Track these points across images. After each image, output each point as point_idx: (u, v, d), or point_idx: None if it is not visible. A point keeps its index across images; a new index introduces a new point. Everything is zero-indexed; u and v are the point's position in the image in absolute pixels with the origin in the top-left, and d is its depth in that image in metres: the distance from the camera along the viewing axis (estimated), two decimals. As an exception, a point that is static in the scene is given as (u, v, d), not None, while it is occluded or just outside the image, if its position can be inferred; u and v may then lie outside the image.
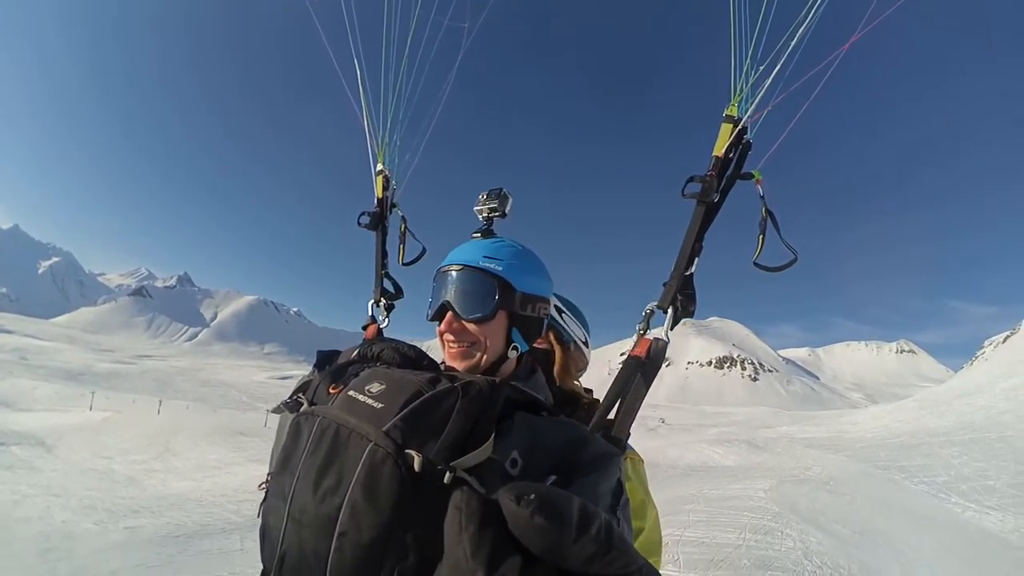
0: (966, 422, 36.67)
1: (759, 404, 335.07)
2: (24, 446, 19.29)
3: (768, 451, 32.07)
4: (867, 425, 48.09)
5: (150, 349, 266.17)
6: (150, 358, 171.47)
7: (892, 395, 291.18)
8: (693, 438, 44.08)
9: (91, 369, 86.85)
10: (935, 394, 57.41)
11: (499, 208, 1.86)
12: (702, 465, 27.45)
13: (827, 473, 21.89)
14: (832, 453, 30.72)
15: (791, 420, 79.09)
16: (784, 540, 11.18)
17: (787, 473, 21.60)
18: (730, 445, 34.88)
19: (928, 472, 22.74)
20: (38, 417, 28.61)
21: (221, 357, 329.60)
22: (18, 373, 61.11)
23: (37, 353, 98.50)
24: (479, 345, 1.58)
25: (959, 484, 20.35)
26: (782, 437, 43.98)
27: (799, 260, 1.72)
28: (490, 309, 1.56)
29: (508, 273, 1.60)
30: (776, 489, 16.92)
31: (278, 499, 1.30)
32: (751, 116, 1.80)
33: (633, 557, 0.89)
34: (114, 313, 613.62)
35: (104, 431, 24.69)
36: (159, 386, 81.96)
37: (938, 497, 18.94)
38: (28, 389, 45.52)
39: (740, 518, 12.89)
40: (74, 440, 22.06)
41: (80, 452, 19.87)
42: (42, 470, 15.70)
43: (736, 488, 17.51)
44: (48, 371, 73.13)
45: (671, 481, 20.80)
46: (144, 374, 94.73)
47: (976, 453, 26.09)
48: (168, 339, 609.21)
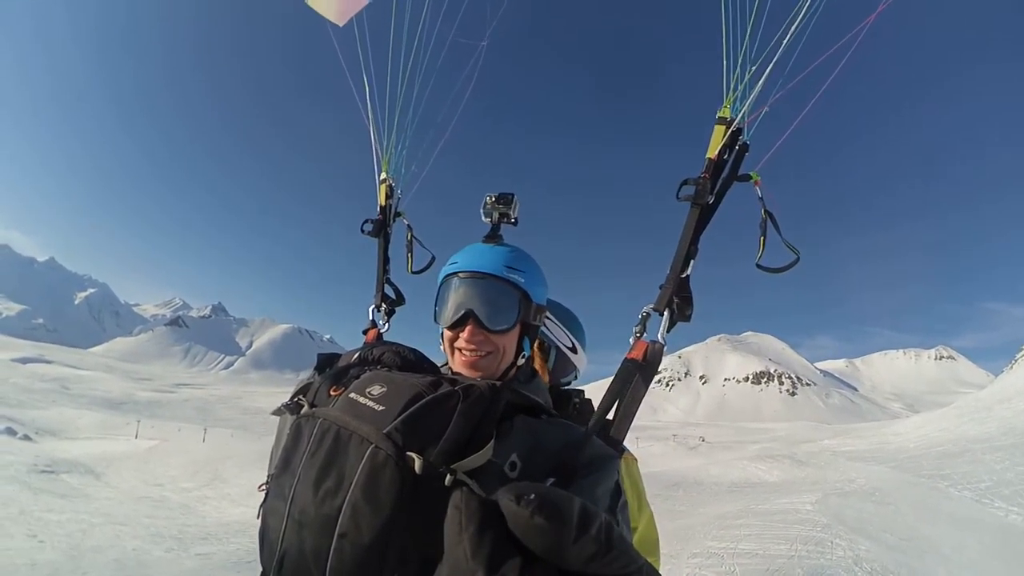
0: (1008, 427, 36.51)
1: (798, 419, 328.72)
2: (74, 474, 19.44)
3: (811, 465, 32.17)
4: (909, 435, 47.72)
5: (187, 378, 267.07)
6: (188, 386, 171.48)
7: (933, 403, 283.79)
8: (735, 455, 44.10)
9: (132, 398, 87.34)
10: (976, 400, 56.72)
11: (510, 213, 1.94)
12: (746, 482, 27.73)
13: (871, 484, 22.19)
14: (875, 464, 30.74)
15: (832, 433, 78.05)
16: (834, 550, 11.90)
17: (832, 486, 21.94)
18: (773, 461, 35.05)
19: (971, 478, 22.86)
20: (84, 445, 29.27)
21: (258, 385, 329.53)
22: (62, 402, 61.54)
23: (77, 382, 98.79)
24: (497, 354, 1.64)
25: (1002, 489, 20.51)
26: (824, 451, 43.84)
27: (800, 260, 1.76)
28: (514, 321, 1.62)
29: (528, 285, 1.67)
30: (822, 502, 17.46)
31: (278, 500, 1.32)
32: (745, 117, 1.85)
33: (633, 557, 0.91)
34: (151, 343, 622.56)
35: (152, 459, 25.38)
36: (200, 414, 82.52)
37: (981, 502, 19.17)
38: (72, 418, 45.95)
39: (790, 530, 13.60)
40: (123, 468, 22.57)
41: (130, 480, 20.40)
42: (95, 498, 15.92)
43: (783, 502, 18.07)
44: (90, 400, 73.64)
45: (717, 498, 21.40)
46: (185, 402, 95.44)
47: (1018, 457, 26.09)
48: (205, 368, 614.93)
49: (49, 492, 15.27)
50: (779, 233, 1.78)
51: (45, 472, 18.30)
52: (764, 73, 1.79)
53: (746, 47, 1.81)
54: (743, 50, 1.81)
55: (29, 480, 16.40)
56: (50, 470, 18.84)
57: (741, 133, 1.82)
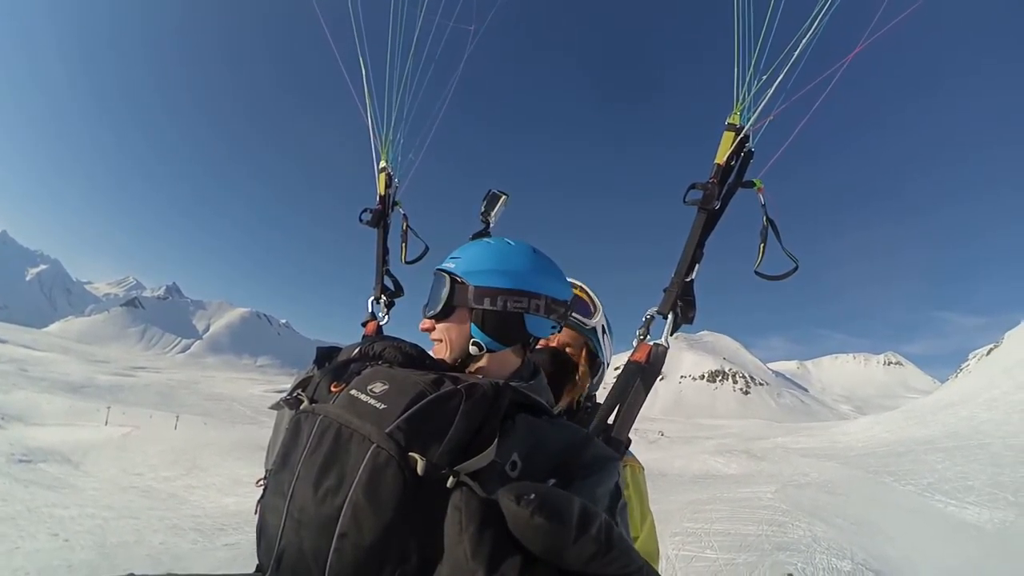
0: (950, 431, 39.22)
1: (751, 417, 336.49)
2: (51, 463, 19.18)
3: (767, 460, 34.35)
4: (857, 435, 50.48)
5: (144, 360, 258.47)
6: (145, 370, 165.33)
7: (880, 406, 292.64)
8: (694, 449, 46.28)
9: (93, 382, 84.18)
10: (921, 405, 60.14)
11: (487, 210, 1.97)
12: (707, 474, 29.85)
13: (823, 478, 24.32)
14: (826, 461, 32.86)
15: (784, 431, 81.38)
16: (795, 530, 13.54)
17: (787, 479, 23.99)
18: (731, 455, 37.15)
19: (914, 476, 25.08)
20: (55, 432, 28.71)
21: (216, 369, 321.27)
22: (22, 385, 59.39)
23: (35, 364, 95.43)
24: (444, 341, 1.58)
25: (942, 485, 22.68)
26: (777, 447, 46.20)
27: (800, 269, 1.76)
28: (439, 306, 1.56)
29: (461, 269, 1.58)
30: (781, 492, 19.32)
31: (277, 497, 1.30)
32: (753, 125, 1.84)
33: (633, 557, 0.92)
34: (107, 324, 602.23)
35: (127, 447, 25.12)
36: (163, 399, 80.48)
37: (923, 496, 21.25)
38: (35, 403, 44.82)
39: (755, 514, 15.30)
40: (99, 457, 22.33)
41: (108, 469, 20.20)
42: (82, 489, 15.86)
43: (746, 491, 19.93)
44: (50, 383, 70.71)
45: (684, 488, 23.12)
46: (147, 387, 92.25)
47: (958, 458, 28.45)
48: (161, 350, 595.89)
49: (36, 484, 15.25)
50: (779, 241, 1.78)
51: (23, 462, 18.24)
52: (774, 83, 1.81)
53: (756, 57, 1.83)
54: (754, 59, 1.83)
55: (12, 471, 16.29)
56: (27, 459, 18.82)
57: (748, 140, 1.85)
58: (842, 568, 10.72)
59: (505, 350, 1.57)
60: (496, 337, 1.55)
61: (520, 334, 1.59)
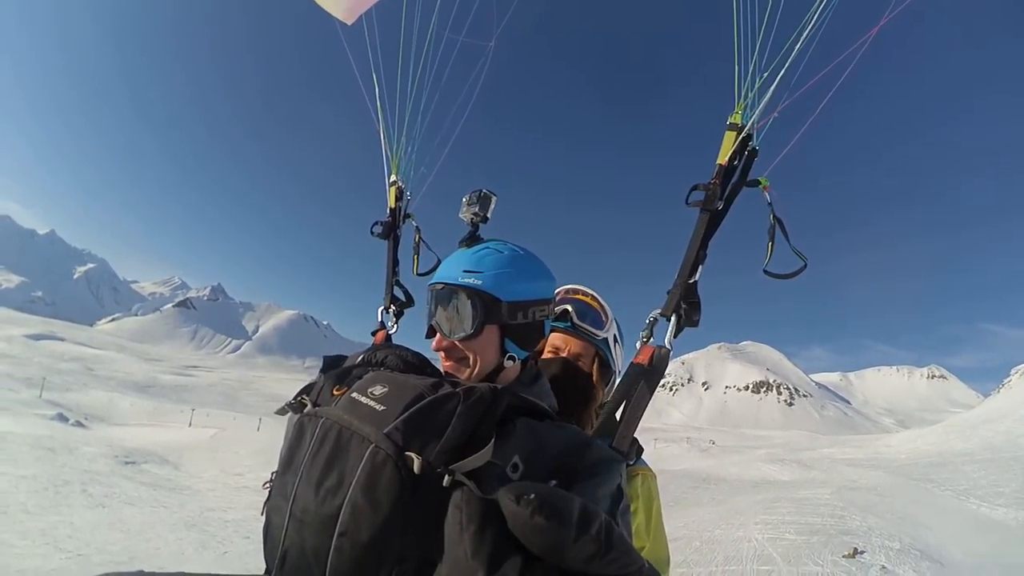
0: (988, 445, 42.13)
1: (795, 428, 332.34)
2: (151, 464, 19.81)
3: (816, 469, 37.43)
4: (901, 447, 53.47)
5: (196, 360, 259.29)
6: (198, 368, 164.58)
7: (922, 420, 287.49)
8: (745, 458, 48.95)
9: (157, 381, 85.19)
10: (963, 420, 62.60)
11: (481, 212, 1.91)
12: (763, 480, 33.09)
13: (871, 484, 27.55)
14: (872, 470, 35.83)
15: (829, 443, 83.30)
16: (852, 521, 17.04)
17: (839, 484, 27.24)
18: (782, 464, 40.34)
19: (952, 483, 28.34)
20: (142, 433, 29.52)
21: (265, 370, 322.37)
22: (92, 385, 59.68)
23: (97, 363, 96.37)
24: (467, 360, 1.56)
25: (976, 491, 25.88)
26: (825, 458, 49.20)
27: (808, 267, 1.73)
28: (472, 328, 1.52)
29: (490, 285, 1.55)
30: (836, 493, 22.73)
31: (281, 498, 1.33)
32: (755, 123, 1.83)
33: (633, 557, 0.95)
34: (159, 323, 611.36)
35: (218, 448, 26.10)
36: (227, 400, 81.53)
37: (959, 499, 24.47)
38: (109, 402, 45.11)
39: (818, 510, 18.84)
40: (195, 457, 23.10)
41: (208, 469, 20.86)
42: (198, 490, 16.53)
43: (805, 493, 23.40)
44: (117, 383, 71.27)
45: (746, 491, 26.79)
46: (210, 387, 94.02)
47: (992, 469, 31.60)
48: (212, 351, 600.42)
49: (154, 486, 15.68)
50: (787, 239, 1.76)
51: (129, 464, 18.67)
52: (775, 80, 1.79)
53: (757, 54, 1.81)
54: (754, 57, 1.81)
55: (124, 473, 16.82)
56: (132, 461, 19.17)
57: (751, 139, 1.82)
58: (893, 547, 14.09)
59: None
60: (524, 347, 1.61)
61: (539, 339, 1.67)
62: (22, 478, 12.84)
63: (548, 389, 1.69)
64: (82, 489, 13.19)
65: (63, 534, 9.84)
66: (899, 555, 13.44)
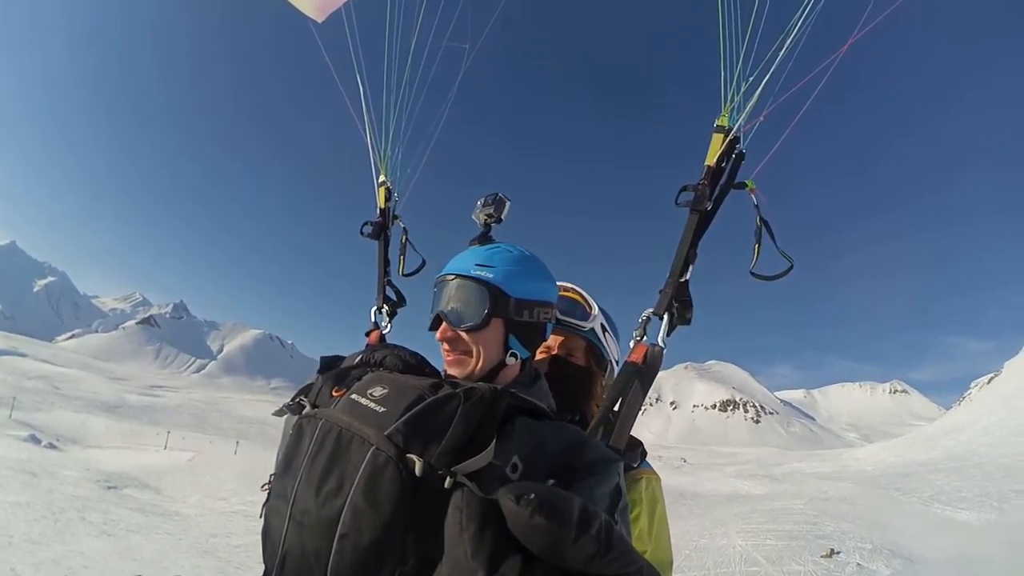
0: (950, 455, 44.11)
1: (763, 445, 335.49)
2: (132, 488, 19.38)
3: (787, 482, 38.70)
4: (867, 460, 55.37)
5: (161, 379, 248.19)
6: (163, 388, 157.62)
7: (886, 434, 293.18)
8: (717, 474, 50.22)
9: (125, 401, 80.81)
10: (925, 433, 65.32)
11: (495, 213, 1.92)
12: (737, 494, 34.08)
13: (841, 494, 28.76)
14: (840, 482, 37.05)
15: (798, 458, 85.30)
16: (827, 527, 18.11)
17: (810, 495, 28.32)
18: (755, 479, 41.57)
19: (918, 491, 29.80)
20: (118, 456, 28.65)
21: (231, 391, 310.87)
22: (60, 404, 57.47)
23: (63, 381, 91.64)
24: (473, 353, 1.57)
25: (941, 496, 27.31)
26: (794, 472, 50.77)
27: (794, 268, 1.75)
28: (481, 318, 1.54)
29: (501, 280, 1.58)
30: (809, 504, 23.89)
31: (280, 500, 1.33)
32: (743, 126, 1.83)
33: (633, 557, 0.93)
34: (122, 341, 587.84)
35: (197, 472, 25.73)
36: (198, 421, 78.71)
37: (925, 505, 25.77)
38: (79, 423, 43.70)
39: (793, 518, 19.94)
40: (175, 482, 22.70)
41: (191, 494, 20.50)
42: (188, 516, 16.26)
43: (779, 504, 24.52)
44: (85, 402, 67.71)
45: (723, 504, 27.80)
46: (179, 408, 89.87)
47: (955, 476, 33.22)
48: (176, 370, 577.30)
49: (145, 512, 15.52)
50: (773, 241, 1.78)
51: (111, 488, 18.31)
52: (761, 84, 1.80)
53: (743, 57, 1.81)
54: (740, 61, 1.82)
55: (109, 498, 16.52)
56: (113, 486, 18.74)
57: (738, 142, 1.83)
58: (866, 547, 15.10)
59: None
60: (526, 345, 1.63)
61: (541, 341, 1.70)
62: (16, 505, 12.57)
63: (547, 389, 1.70)
64: (80, 516, 12.97)
65: (77, 564, 9.69)
66: (872, 554, 14.44)
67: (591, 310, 2.26)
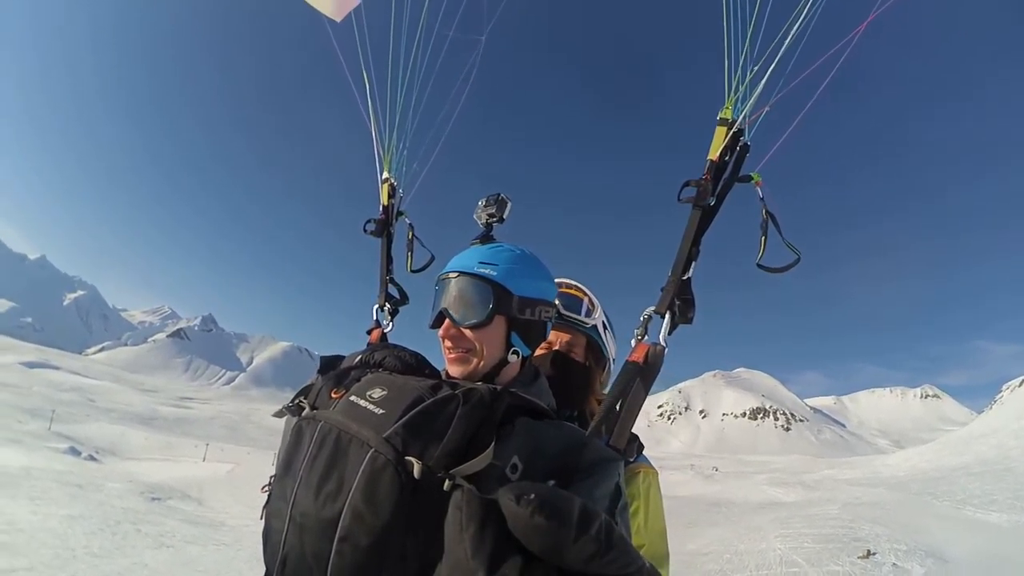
0: (982, 459, 44.21)
1: (793, 452, 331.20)
2: (175, 500, 19.42)
3: (820, 489, 39.03)
4: (898, 466, 55.48)
5: (191, 391, 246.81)
6: (193, 400, 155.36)
7: (917, 439, 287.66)
8: (749, 482, 50.32)
9: (158, 413, 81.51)
10: (956, 438, 64.96)
11: (497, 213, 1.89)
12: (770, 501, 34.61)
13: (874, 499, 29.35)
14: (873, 488, 37.55)
15: (828, 465, 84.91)
16: (862, 530, 18.79)
17: (844, 501, 28.89)
18: (787, 486, 42.00)
19: (949, 495, 30.20)
20: (157, 468, 28.94)
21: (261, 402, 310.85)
22: (96, 417, 57.44)
23: (97, 393, 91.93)
24: (476, 351, 1.58)
25: (972, 499, 27.74)
26: (826, 479, 50.98)
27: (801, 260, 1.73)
28: (485, 315, 1.55)
29: (504, 278, 1.59)
30: (843, 509, 24.55)
31: (280, 502, 1.33)
32: (747, 118, 1.81)
33: (633, 557, 0.94)
34: (153, 353, 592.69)
35: (237, 483, 25.93)
36: (231, 433, 79.16)
37: (957, 508, 26.15)
38: (116, 435, 43.99)
39: (828, 523, 20.66)
40: (216, 493, 22.89)
41: (233, 505, 20.48)
42: (235, 527, 16.31)
43: (814, 510, 25.18)
44: (119, 415, 68.06)
45: (757, 511, 28.39)
46: (212, 420, 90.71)
47: (986, 480, 33.51)
48: (206, 382, 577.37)
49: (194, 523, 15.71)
50: (780, 234, 1.75)
51: (156, 500, 18.35)
52: (766, 74, 1.76)
53: (747, 48, 1.78)
54: (744, 51, 1.78)
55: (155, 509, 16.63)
56: (157, 498, 18.74)
57: (742, 134, 1.80)
58: (900, 549, 15.79)
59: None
60: (528, 343, 1.65)
61: (542, 339, 1.72)
62: (71, 518, 12.49)
63: (547, 388, 1.71)
64: (135, 528, 13.01)
65: (146, 577, 9.81)
66: (907, 555, 15.19)
67: (594, 307, 2.32)
